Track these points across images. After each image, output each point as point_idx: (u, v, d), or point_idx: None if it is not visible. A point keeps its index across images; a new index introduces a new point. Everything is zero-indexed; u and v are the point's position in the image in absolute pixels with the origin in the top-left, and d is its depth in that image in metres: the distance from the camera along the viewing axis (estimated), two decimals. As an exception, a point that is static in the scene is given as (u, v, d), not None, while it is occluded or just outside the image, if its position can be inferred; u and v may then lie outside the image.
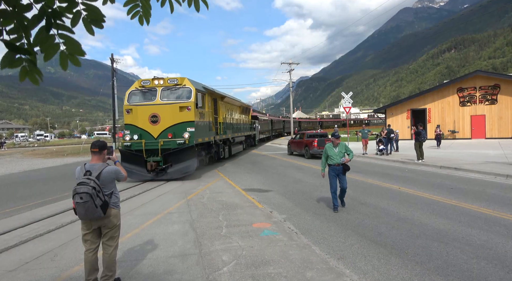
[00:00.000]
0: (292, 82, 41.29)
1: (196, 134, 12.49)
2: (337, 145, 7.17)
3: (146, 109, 12.50)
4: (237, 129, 21.54)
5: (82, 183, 3.49)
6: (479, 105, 28.17)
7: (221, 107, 17.33)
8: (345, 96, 26.33)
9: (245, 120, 25.21)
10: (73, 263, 4.72)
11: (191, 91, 12.64)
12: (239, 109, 23.37)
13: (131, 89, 13.13)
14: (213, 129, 15.34)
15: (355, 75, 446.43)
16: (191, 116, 12.34)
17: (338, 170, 7.09)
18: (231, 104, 20.52)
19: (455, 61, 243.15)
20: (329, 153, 7.13)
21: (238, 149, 21.97)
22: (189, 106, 12.32)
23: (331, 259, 4.63)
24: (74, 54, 1.72)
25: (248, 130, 26.18)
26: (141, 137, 12.31)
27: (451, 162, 14.36)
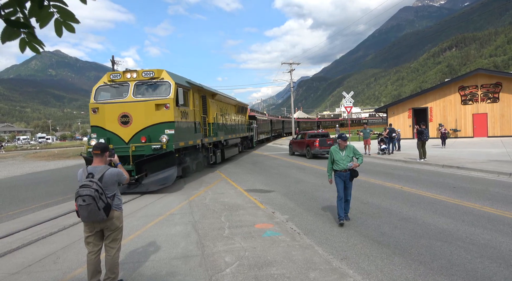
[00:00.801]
0: (293, 82, 41.25)
1: (177, 137, 10.61)
2: (344, 147, 6.31)
3: (115, 108, 10.45)
4: (232, 131, 19.67)
5: (84, 185, 3.49)
6: (481, 104, 28.10)
7: (212, 106, 15.36)
8: (346, 96, 26.31)
9: (241, 121, 23.16)
10: (76, 266, 4.72)
11: (170, 86, 10.68)
12: (234, 109, 21.52)
13: (98, 84, 11.09)
14: (201, 131, 13.36)
15: (356, 75, 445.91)
16: (169, 116, 10.42)
17: (345, 176, 6.27)
18: (224, 102, 18.61)
19: (456, 59, 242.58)
20: (335, 157, 6.30)
21: (233, 152, 20.19)
22: (168, 104, 10.40)
23: (334, 260, 4.62)
24: (68, 21, 1.80)
25: (244, 131, 24.16)
26: (109, 141, 10.32)
27: (454, 160, 14.31)
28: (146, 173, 10.23)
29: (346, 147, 6.34)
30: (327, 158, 6.90)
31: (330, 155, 6.42)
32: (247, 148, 27.19)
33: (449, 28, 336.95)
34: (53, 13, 1.77)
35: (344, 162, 6.24)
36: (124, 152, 10.01)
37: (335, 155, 6.34)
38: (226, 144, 17.90)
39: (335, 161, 6.32)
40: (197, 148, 13.30)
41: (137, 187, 10.24)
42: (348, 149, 6.36)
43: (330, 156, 6.44)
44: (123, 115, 10.39)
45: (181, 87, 11.11)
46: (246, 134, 24.88)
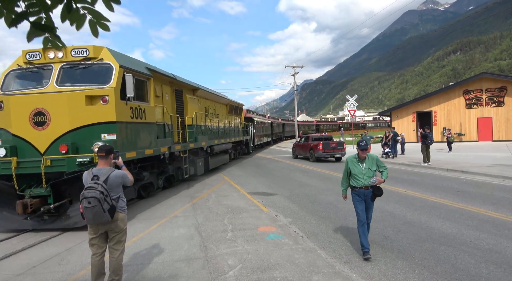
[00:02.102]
0: (296, 85, 41.32)
1: (123, 145, 7.38)
2: (364, 158, 4.94)
3: (26, 102, 7.06)
4: (221, 135, 16.72)
5: (90, 187, 3.53)
6: (486, 108, 27.94)
7: (191, 104, 12.32)
8: (350, 99, 26.33)
9: (234, 123, 20.42)
10: (80, 267, 4.75)
11: (111, 70, 7.37)
12: (224, 109, 18.61)
13: (9, 69, 7.72)
14: (173, 135, 10.56)
15: (360, 78, 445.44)
16: (109, 114, 7.13)
17: (366, 195, 4.90)
18: (210, 100, 15.63)
19: (461, 63, 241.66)
20: (353, 171, 4.94)
21: (221, 160, 16.85)
22: (106, 96, 7.10)
23: (337, 263, 4.61)
24: (101, 21, 1.90)
25: (238, 135, 21.08)
26: (13, 152, 6.92)
27: (458, 164, 14.22)
28: (70, 200, 6.89)
29: (366, 157, 4.96)
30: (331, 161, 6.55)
31: (346, 167, 5.09)
32: (242, 154, 23.99)
33: (453, 32, 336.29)
34: (85, 15, 1.86)
35: (365, 176, 4.88)
36: (35, 168, 6.75)
37: (352, 168, 4.97)
38: (211, 150, 14.62)
39: (352, 175, 4.97)
40: (162, 159, 9.80)
41: (56, 221, 6.82)
42: (370, 160, 4.95)
43: (345, 167, 5.11)
44: (37, 112, 6.97)
45: (132, 74, 7.71)
46: (241, 139, 21.60)
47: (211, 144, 14.33)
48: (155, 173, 10.04)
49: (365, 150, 4.90)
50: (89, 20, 1.88)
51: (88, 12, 1.86)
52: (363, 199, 4.96)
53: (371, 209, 5.12)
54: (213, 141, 14.77)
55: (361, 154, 4.95)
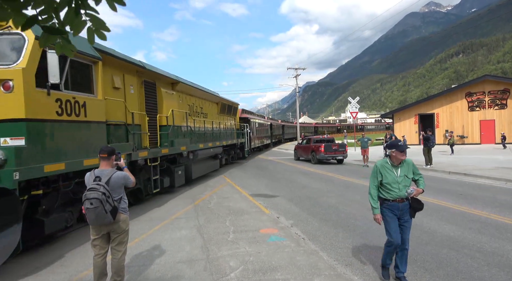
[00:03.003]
0: (298, 87, 41.35)
1: (42, 154, 5.28)
2: (399, 163, 4.00)
3: None
4: (210, 137, 14.63)
5: (92, 188, 3.55)
6: (489, 110, 27.87)
7: (168, 100, 10.18)
8: (352, 101, 26.34)
9: (227, 124, 18.36)
10: (82, 268, 4.76)
11: (22, 43, 5.17)
12: (215, 107, 16.52)
13: None
14: (144, 139, 8.72)
15: (362, 80, 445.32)
16: (14, 107, 4.96)
17: (401, 210, 3.97)
18: (196, 97, 13.59)
19: (463, 65, 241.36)
20: (385, 179, 3.97)
21: (208, 167, 14.39)
22: (10, 81, 4.94)
23: (339, 266, 4.60)
24: (100, 29, 1.92)
25: (232, 137, 19.02)
26: None
27: (460, 167, 14.18)
28: None
29: (403, 162, 4.01)
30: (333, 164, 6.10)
31: (375, 173, 4.06)
32: (237, 158, 21.54)
33: (456, 34, 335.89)
34: (86, 21, 1.88)
35: (401, 186, 3.93)
36: None
37: (385, 175, 3.99)
38: (194, 156, 12.13)
39: (384, 185, 4.00)
40: None
41: None
42: (406, 165, 4.03)
43: (375, 175, 4.06)
44: None
45: (50, 52, 5.15)
46: (234, 142, 19.34)
47: (194, 148, 12.00)
48: None
49: (404, 152, 3.92)
50: (88, 27, 1.89)
51: (90, 19, 1.87)
52: (397, 214, 3.97)
53: (409, 229, 4.03)
54: (198, 145, 12.43)
55: (399, 156, 3.93)
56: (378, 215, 4.05)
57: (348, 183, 11.90)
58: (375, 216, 4.07)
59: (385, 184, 3.99)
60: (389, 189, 3.96)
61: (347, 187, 11.04)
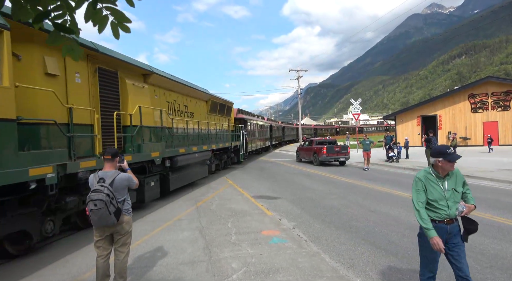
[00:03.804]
0: (300, 89, 41.37)
1: None
2: (446, 174, 3.20)
3: None
4: (196, 140, 12.64)
5: (96, 190, 3.58)
6: (492, 112, 27.78)
7: (135, 95, 8.32)
8: (354, 103, 26.33)
9: (218, 125, 16.24)
10: (85, 269, 4.78)
11: None
12: (204, 106, 14.58)
13: None
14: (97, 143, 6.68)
15: (364, 82, 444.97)
16: None
17: (450, 233, 3.14)
18: (178, 93, 11.60)
19: (466, 67, 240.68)
20: (430, 195, 3.16)
21: (194, 175, 12.38)
22: None
23: (341, 268, 4.60)
24: (123, 22, 1.89)
25: (223, 140, 16.83)
26: None
27: (463, 169, 14.13)
28: None
29: (450, 174, 3.23)
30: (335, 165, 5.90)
31: (417, 186, 3.23)
32: (231, 163, 19.63)
33: (458, 35, 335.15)
34: (107, 15, 1.84)
35: (450, 202, 3.13)
36: None
37: (430, 190, 3.17)
38: (173, 164, 10.20)
39: (430, 201, 3.17)
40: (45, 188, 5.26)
41: None
42: (453, 176, 3.24)
43: (418, 188, 3.22)
44: None
45: None
46: (227, 145, 17.28)
47: (172, 153, 10.05)
48: (31, 213, 5.31)
49: (453, 162, 3.13)
50: (111, 21, 1.87)
51: (111, 13, 1.84)
52: (443, 238, 3.10)
53: (463, 254, 3.14)
54: (177, 150, 10.49)
55: (448, 167, 3.14)
56: (437, 238, 2.99)
57: (351, 185, 11.88)
58: (432, 239, 3.00)
59: (430, 201, 3.15)
60: (436, 207, 3.13)
61: (349, 189, 11.03)
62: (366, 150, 16.55)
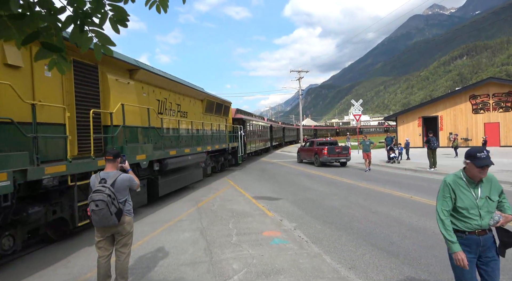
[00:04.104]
0: (301, 90, 41.36)
1: None
2: (479, 180, 2.84)
3: None
4: (189, 141, 11.98)
5: (97, 190, 3.58)
6: (493, 113, 27.73)
7: (119, 92, 7.61)
8: (355, 104, 26.30)
9: (215, 125, 15.57)
10: (86, 270, 4.78)
11: None
12: (199, 105, 13.94)
13: None
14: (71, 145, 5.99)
15: (365, 83, 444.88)
16: None
17: (483, 245, 2.81)
18: (170, 91, 10.90)
19: (467, 68, 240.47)
20: (460, 202, 2.82)
21: (186, 178, 11.60)
22: None
23: (342, 269, 4.59)
24: (106, 45, 1.96)
25: (220, 141, 16.01)
26: None
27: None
28: None
29: (483, 180, 2.86)
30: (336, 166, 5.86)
31: (446, 193, 2.88)
32: (229, 165, 18.93)
33: (460, 36, 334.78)
34: (92, 38, 1.92)
35: (482, 212, 2.79)
36: None
37: (460, 196, 2.83)
38: (162, 167, 9.39)
39: (457, 210, 2.84)
40: None
41: None
42: (487, 183, 2.88)
43: (444, 194, 2.89)
44: None
45: None
46: (224, 147, 16.34)
47: (162, 156, 9.26)
48: None
49: (485, 167, 2.72)
50: (95, 43, 1.94)
51: (95, 36, 1.92)
52: (475, 252, 2.79)
53: (497, 271, 2.82)
54: (168, 152, 9.67)
55: (475, 172, 2.77)
56: (461, 253, 2.72)
57: (352, 185, 11.87)
58: (455, 254, 2.73)
59: (459, 208, 2.80)
60: (465, 216, 2.77)
61: (351, 189, 11.01)
62: (366, 151, 16.40)
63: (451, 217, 2.87)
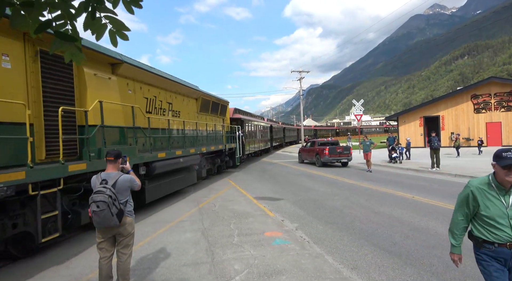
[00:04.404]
0: (302, 90, 41.32)
1: None
2: (510, 186, 2.51)
3: None
4: (182, 143, 11.18)
5: (98, 191, 3.57)
6: (495, 112, 27.65)
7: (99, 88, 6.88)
8: (356, 104, 26.27)
9: (210, 125, 14.59)
10: (88, 271, 4.78)
11: None
12: (194, 104, 13.05)
13: None
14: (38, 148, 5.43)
15: (366, 83, 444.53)
16: None
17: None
18: (159, 88, 10.03)
19: (469, 67, 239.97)
20: (486, 210, 2.56)
21: (178, 183, 10.59)
22: None
23: (345, 269, 4.57)
24: (121, 30, 1.92)
25: (216, 142, 15.20)
26: None
27: (467, 170, 14.05)
28: None
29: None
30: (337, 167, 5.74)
31: (465, 201, 2.70)
32: (225, 167, 17.87)
33: (461, 36, 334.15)
34: (106, 24, 1.88)
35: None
36: None
37: (485, 204, 2.58)
38: (150, 171, 8.55)
39: (483, 219, 2.59)
40: None
41: None
42: None
43: (463, 201, 2.73)
44: None
45: None
46: (220, 148, 15.22)
47: (149, 159, 8.37)
48: None
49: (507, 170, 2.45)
50: (109, 30, 1.90)
51: (109, 22, 1.88)
52: (505, 265, 2.54)
53: None
54: (156, 154, 8.75)
55: (502, 174, 2.49)
56: (457, 255, 2.73)
57: (353, 186, 11.84)
58: (451, 254, 2.78)
59: (485, 218, 2.55)
60: (493, 226, 2.51)
61: (352, 190, 10.99)
62: (366, 151, 16.11)
63: (479, 226, 2.61)
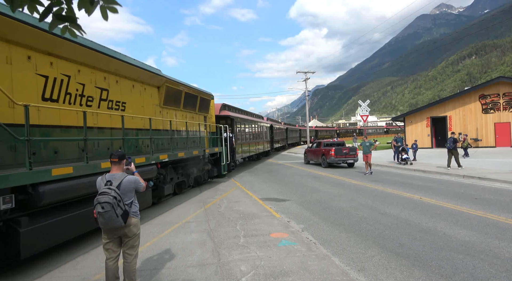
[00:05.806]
0: (308, 91, 41.22)
1: None
2: None
3: None
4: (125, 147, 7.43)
5: (103, 192, 3.58)
6: (503, 113, 27.28)
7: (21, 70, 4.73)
8: (362, 105, 26.14)
9: (181, 124, 11.19)
10: (95, 272, 4.80)
11: None
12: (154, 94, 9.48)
13: None
14: None
15: (372, 83, 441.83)
16: None
17: None
18: (82, 65, 6.38)
19: (476, 67, 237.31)
20: None
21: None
22: None
23: (352, 271, 4.52)
24: (111, 4, 1.99)
25: (193, 145, 12.19)
26: None
27: (475, 171, 13.87)
28: None
29: None
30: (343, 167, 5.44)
31: None
32: (207, 177, 14.09)
33: (468, 35, 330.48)
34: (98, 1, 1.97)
35: None
36: None
37: None
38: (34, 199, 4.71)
39: None
40: None
41: None
42: None
43: None
44: None
45: None
46: (195, 154, 11.42)
47: (27, 179, 4.51)
48: None
49: None
50: (100, 6, 1.99)
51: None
52: None
53: None
54: (46, 171, 4.86)
55: None
56: None
57: (360, 187, 11.75)
58: None
59: None
60: None
61: (359, 191, 10.91)
62: (366, 153, 15.48)
63: None
